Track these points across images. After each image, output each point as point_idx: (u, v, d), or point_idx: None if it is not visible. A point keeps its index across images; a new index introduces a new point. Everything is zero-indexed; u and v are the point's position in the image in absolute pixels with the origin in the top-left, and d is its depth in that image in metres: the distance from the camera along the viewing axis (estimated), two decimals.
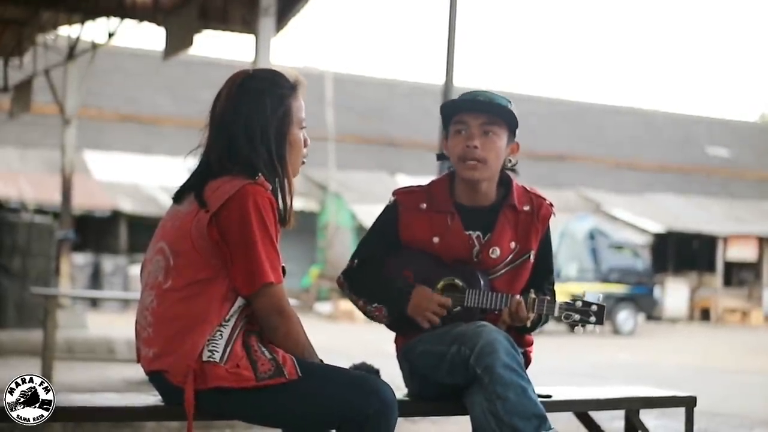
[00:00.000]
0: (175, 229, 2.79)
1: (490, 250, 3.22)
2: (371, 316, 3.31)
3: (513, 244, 3.24)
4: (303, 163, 2.92)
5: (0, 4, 10.96)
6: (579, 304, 3.17)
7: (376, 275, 3.26)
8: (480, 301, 3.18)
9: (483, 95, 3.23)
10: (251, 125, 2.78)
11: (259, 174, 2.76)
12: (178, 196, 2.85)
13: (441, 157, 3.36)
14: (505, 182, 3.31)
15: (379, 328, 3.44)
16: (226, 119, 2.81)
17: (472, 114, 3.21)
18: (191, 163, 2.92)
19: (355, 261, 3.31)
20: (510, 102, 3.26)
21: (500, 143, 3.22)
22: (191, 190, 2.80)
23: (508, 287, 3.22)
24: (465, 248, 3.23)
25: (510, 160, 3.29)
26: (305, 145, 2.91)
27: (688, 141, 36.27)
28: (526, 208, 3.28)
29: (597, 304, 3.17)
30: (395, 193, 3.33)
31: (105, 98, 27.30)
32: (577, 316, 3.17)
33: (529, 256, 3.27)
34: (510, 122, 3.23)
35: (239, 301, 2.75)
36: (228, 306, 2.73)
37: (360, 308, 3.33)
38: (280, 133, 2.81)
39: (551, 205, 3.32)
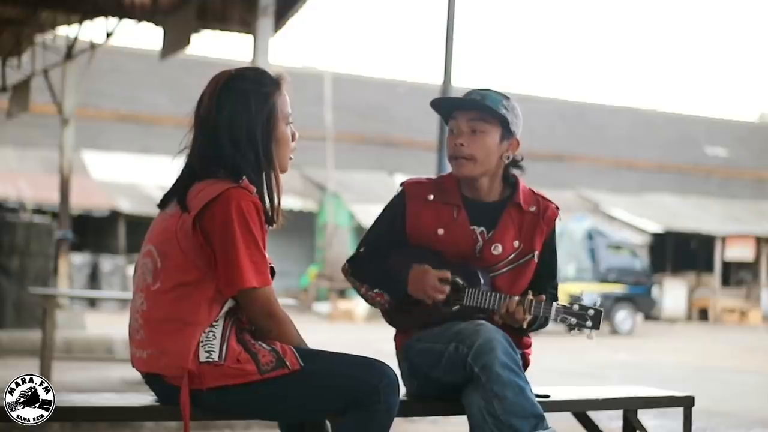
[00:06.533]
0: (161, 232, 2.78)
1: (492, 247, 3.23)
2: (372, 301, 3.33)
3: (516, 243, 3.25)
4: (292, 153, 2.90)
5: None
6: (576, 307, 3.14)
7: (379, 263, 3.28)
8: (479, 300, 3.18)
9: (478, 93, 3.24)
10: (236, 127, 2.76)
11: (243, 177, 2.75)
12: (163, 204, 2.85)
13: None
14: (511, 181, 3.32)
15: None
16: (210, 121, 2.78)
17: (460, 112, 3.25)
18: (179, 165, 2.89)
19: (361, 248, 3.34)
20: (508, 98, 3.26)
21: (490, 140, 3.22)
22: (175, 196, 2.79)
23: (510, 286, 3.23)
24: (469, 242, 3.24)
25: (508, 157, 3.28)
26: (293, 139, 2.90)
27: (686, 141, 36.26)
28: (532, 209, 3.29)
29: (594, 309, 3.15)
30: (404, 183, 3.35)
31: (103, 98, 27.29)
32: (573, 320, 3.14)
33: (533, 256, 3.27)
34: (501, 119, 3.22)
35: (229, 302, 2.74)
36: (217, 308, 2.72)
37: (362, 295, 3.35)
38: (266, 132, 2.79)
39: (557, 208, 3.33)
